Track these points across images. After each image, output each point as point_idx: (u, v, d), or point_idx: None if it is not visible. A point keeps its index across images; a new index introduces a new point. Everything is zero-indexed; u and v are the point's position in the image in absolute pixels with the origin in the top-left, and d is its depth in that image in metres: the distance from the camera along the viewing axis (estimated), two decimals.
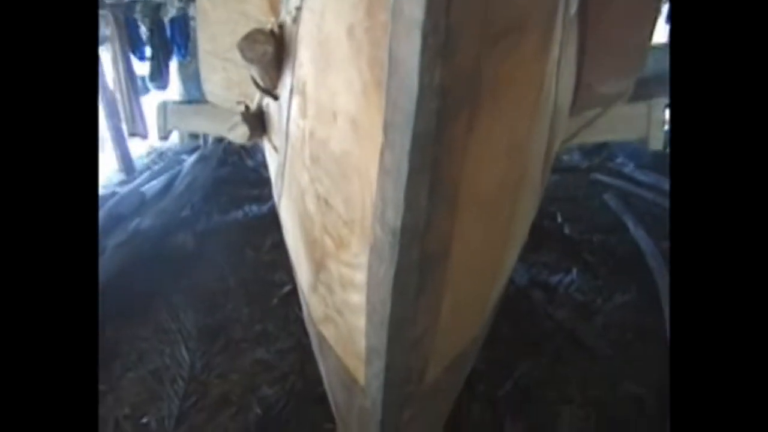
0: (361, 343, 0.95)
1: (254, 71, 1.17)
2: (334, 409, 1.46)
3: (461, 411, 2.08)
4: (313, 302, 1.17)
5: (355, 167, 0.82)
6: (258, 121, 1.37)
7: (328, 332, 1.13)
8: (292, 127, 1.04)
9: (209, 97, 2.00)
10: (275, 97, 1.18)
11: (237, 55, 1.07)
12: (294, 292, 2.81)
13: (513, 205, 0.94)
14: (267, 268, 3.25)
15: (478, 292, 1.01)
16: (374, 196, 0.77)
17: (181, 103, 4.97)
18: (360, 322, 0.92)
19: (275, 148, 1.30)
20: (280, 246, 3.38)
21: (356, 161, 0.81)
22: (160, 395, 2.27)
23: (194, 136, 5.54)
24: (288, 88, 1.05)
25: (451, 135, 0.69)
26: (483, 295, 1.05)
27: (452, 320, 0.92)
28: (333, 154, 0.87)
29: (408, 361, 0.91)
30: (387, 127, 0.70)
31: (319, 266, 1.03)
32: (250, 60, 1.08)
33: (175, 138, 5.68)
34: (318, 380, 2.17)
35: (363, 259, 0.84)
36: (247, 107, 1.39)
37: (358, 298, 0.90)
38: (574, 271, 3.12)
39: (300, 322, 2.62)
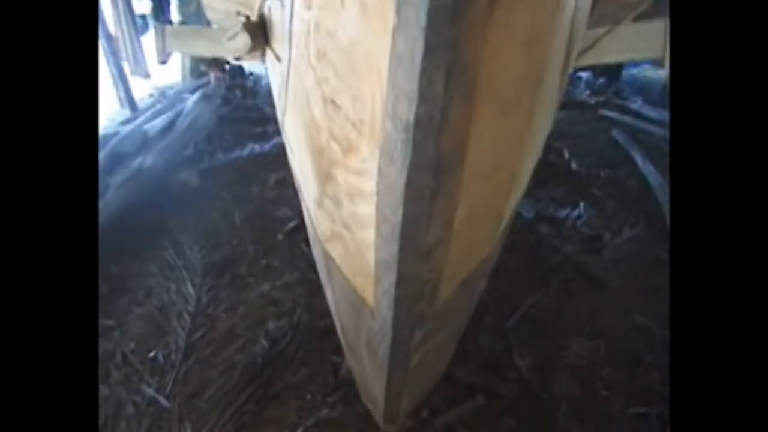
0: (370, 258, 0.88)
1: None
2: (341, 336, 1.41)
3: (470, 340, 2.03)
4: (319, 220, 1.10)
5: (364, 59, 0.73)
6: (259, 30, 1.28)
7: (335, 251, 1.06)
8: (296, 24, 0.94)
9: (209, 15, 1.87)
10: None
11: None
12: (299, 227, 2.76)
13: (530, 108, 0.86)
14: (272, 204, 3.18)
15: (493, 202, 0.94)
16: (385, 89, 0.68)
17: (180, 23, 4.78)
18: (369, 235, 0.85)
19: (278, 58, 1.21)
20: (284, 182, 3.37)
21: (365, 52, 0.72)
22: (166, 330, 2.24)
23: (196, 75, 5.37)
24: None
25: (470, 14, 0.60)
26: (497, 207, 0.98)
27: (466, 231, 0.85)
28: (340, 47, 0.78)
29: (420, 274, 0.84)
30: (400, 6, 0.61)
31: (325, 178, 0.95)
32: None
33: (177, 77, 5.51)
34: (324, 314, 2.14)
35: (372, 164, 0.77)
36: (247, 17, 1.28)
37: (366, 209, 0.83)
38: (582, 205, 3.03)
39: (306, 257, 2.58)
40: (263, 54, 1.39)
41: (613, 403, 1.83)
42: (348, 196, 0.89)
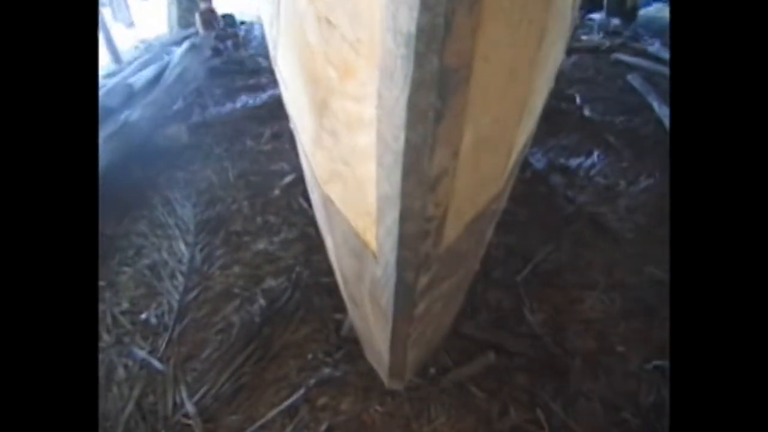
0: (372, 195, 0.84)
1: None
2: (342, 287, 1.39)
3: (479, 296, 2.00)
4: (317, 160, 1.06)
5: None
6: None
7: (334, 192, 1.02)
8: None
9: None
10: None
11: None
12: (297, 182, 2.72)
13: (541, 28, 0.81)
14: (267, 158, 3.14)
15: (502, 130, 0.89)
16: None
17: None
18: (370, 168, 0.81)
19: None
20: (280, 136, 3.32)
21: None
22: (158, 290, 2.22)
23: (184, 25, 5.25)
24: None
25: None
26: (506, 137, 0.93)
27: (473, 162, 0.81)
28: None
29: (425, 209, 0.80)
30: None
31: (322, 110, 0.91)
32: None
33: (163, 27, 5.38)
34: (325, 270, 2.12)
35: (372, 88, 0.72)
36: None
37: (366, 139, 0.79)
38: (596, 153, 2.98)
39: (304, 212, 2.55)
40: None
41: (630, 358, 1.81)
42: (346, 126, 0.85)
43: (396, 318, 1.06)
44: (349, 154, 0.89)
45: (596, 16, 4.87)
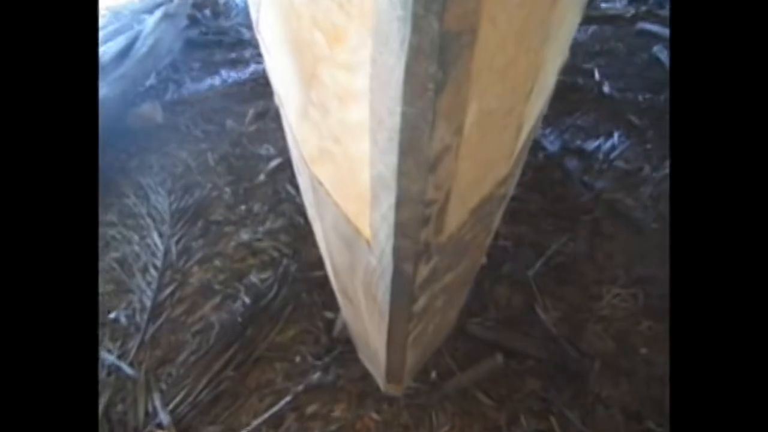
0: (365, 176, 0.84)
1: None
2: (333, 281, 1.40)
3: (486, 292, 2.01)
4: (304, 136, 1.06)
5: None
6: None
7: (324, 173, 1.02)
8: None
9: None
10: None
11: None
12: (283, 166, 2.72)
13: None
14: (251, 140, 3.12)
15: (510, 105, 0.88)
16: None
17: None
18: (362, 146, 0.80)
19: None
20: (265, 116, 3.30)
21: None
22: (129, 287, 2.22)
23: None
24: None
25: None
26: (515, 113, 0.92)
27: (478, 140, 0.80)
28: None
29: (424, 192, 0.79)
30: None
31: (309, 81, 0.91)
32: None
33: None
34: (314, 264, 2.12)
35: (364, 54, 0.71)
36: None
37: (358, 114, 0.78)
38: (616, 135, 2.97)
39: (291, 199, 2.54)
40: None
41: (654, 361, 1.81)
42: (337, 98, 0.84)
43: (393, 314, 1.06)
44: (339, 130, 0.88)
45: None
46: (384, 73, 0.68)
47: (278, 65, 1.15)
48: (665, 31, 4.04)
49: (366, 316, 1.23)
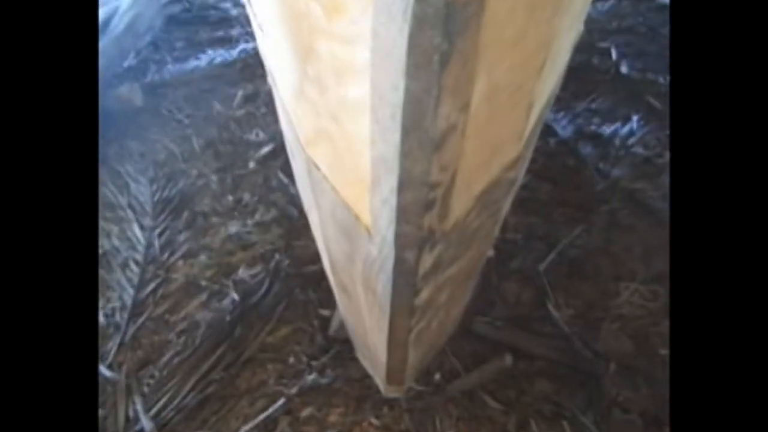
0: (365, 157, 0.83)
1: None
2: (330, 274, 1.40)
3: (494, 287, 2.01)
4: (299, 115, 1.05)
5: None
6: None
7: (320, 155, 1.02)
8: None
9: None
10: None
11: None
12: (276, 153, 2.72)
13: None
14: (239, 125, 3.12)
15: (520, 80, 0.87)
16: None
17: None
18: (362, 125, 0.80)
19: None
20: (255, 98, 3.31)
21: None
22: (108, 283, 2.22)
23: None
24: None
25: None
26: (525, 89, 0.91)
27: (485, 118, 0.80)
28: None
29: (428, 174, 0.79)
30: None
31: (306, 54, 0.90)
32: None
33: None
34: (308, 258, 2.13)
35: (364, 26, 0.71)
36: None
37: (358, 90, 0.78)
38: (635, 119, 2.96)
39: (284, 189, 2.54)
40: None
41: None
42: (335, 74, 0.84)
43: (394, 308, 1.06)
44: (338, 108, 0.88)
45: None
46: (386, 46, 0.68)
47: (271, 40, 1.15)
48: None
49: (365, 311, 1.23)
